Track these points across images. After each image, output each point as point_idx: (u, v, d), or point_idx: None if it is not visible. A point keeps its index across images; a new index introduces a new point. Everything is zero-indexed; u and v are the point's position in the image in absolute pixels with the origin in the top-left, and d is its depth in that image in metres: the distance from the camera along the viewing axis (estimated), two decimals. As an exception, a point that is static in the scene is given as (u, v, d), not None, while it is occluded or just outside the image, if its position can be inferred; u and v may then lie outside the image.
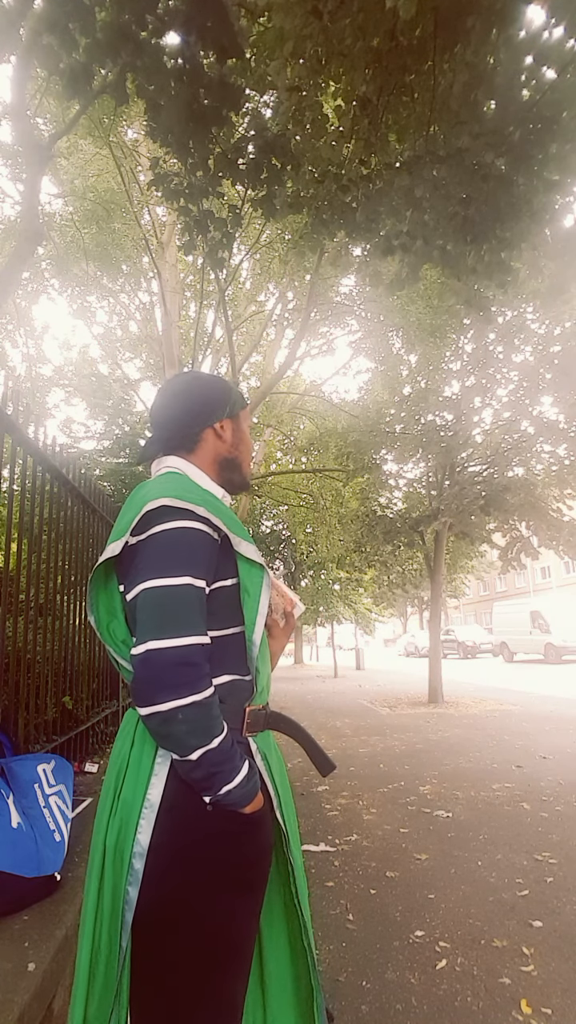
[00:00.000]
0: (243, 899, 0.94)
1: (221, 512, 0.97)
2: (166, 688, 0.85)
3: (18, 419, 2.20)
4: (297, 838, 1.10)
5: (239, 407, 1.16)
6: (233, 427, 1.14)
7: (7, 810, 1.47)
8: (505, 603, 22.84)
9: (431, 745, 6.01)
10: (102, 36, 2.70)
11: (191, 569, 0.91)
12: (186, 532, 0.93)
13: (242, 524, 1.04)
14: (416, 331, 8.62)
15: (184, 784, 0.91)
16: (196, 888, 0.90)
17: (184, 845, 0.90)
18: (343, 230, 3.90)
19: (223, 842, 0.92)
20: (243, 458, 1.16)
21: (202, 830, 0.91)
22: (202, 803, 0.91)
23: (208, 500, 0.98)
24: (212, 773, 0.88)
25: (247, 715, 1.00)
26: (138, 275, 13.00)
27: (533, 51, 3.00)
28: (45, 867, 1.44)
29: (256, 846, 0.96)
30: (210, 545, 0.95)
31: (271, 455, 15.56)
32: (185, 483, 1.01)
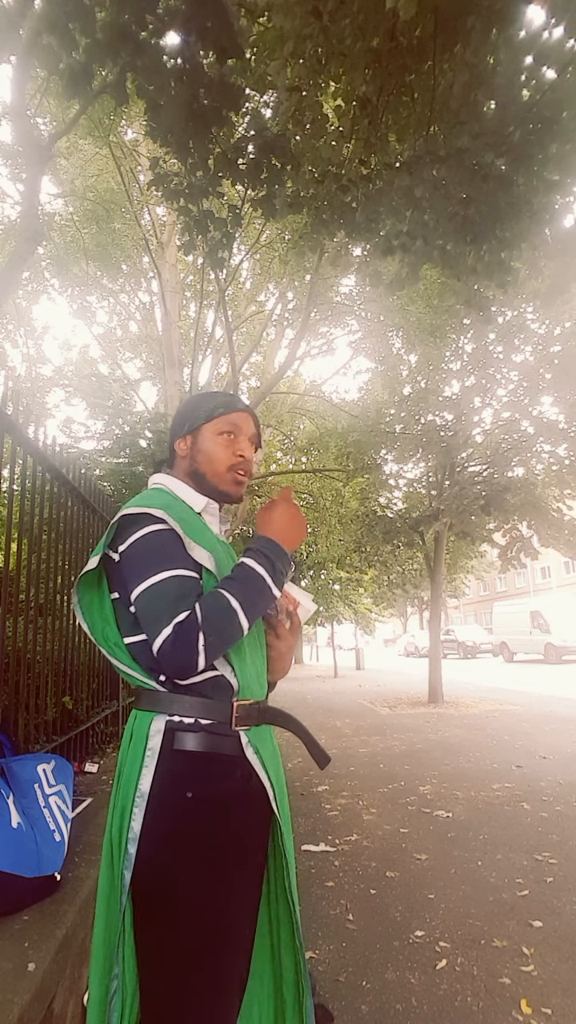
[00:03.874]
0: (230, 879, 0.99)
1: (177, 516, 1.05)
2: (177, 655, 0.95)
3: (18, 419, 2.20)
4: (290, 835, 1.12)
5: (201, 421, 1.17)
6: (192, 441, 1.18)
7: (7, 810, 1.47)
8: (505, 603, 22.83)
9: (431, 745, 6.01)
10: (102, 36, 2.70)
11: (168, 564, 1.00)
12: (155, 535, 1.03)
13: (203, 531, 1.08)
14: (416, 331, 8.62)
15: (170, 775, 0.99)
16: (184, 869, 0.97)
17: (170, 830, 0.98)
18: (343, 230, 3.90)
19: (205, 827, 0.98)
20: (205, 470, 1.16)
21: (185, 816, 0.98)
22: (185, 791, 0.99)
23: (165, 504, 1.06)
24: (252, 600, 1.01)
25: (235, 709, 1.03)
26: (138, 275, 13.00)
27: (533, 51, 3.00)
28: (45, 867, 1.44)
29: (237, 829, 1.01)
30: (176, 540, 1.03)
31: (271, 455, 15.56)
32: (151, 494, 1.12)
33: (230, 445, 1.16)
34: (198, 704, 1.02)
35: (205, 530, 1.10)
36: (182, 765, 1.00)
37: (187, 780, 0.99)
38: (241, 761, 1.03)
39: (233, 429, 1.17)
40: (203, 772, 1.00)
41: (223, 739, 1.02)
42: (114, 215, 10.75)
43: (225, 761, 1.02)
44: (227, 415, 1.17)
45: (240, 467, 1.17)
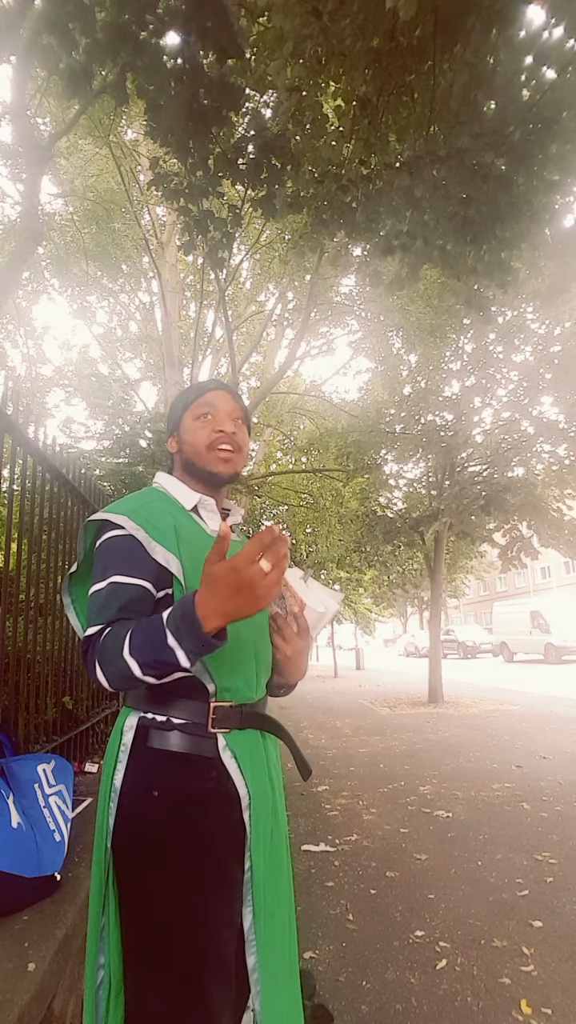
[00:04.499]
0: (191, 881, 0.95)
1: (144, 519, 1.04)
2: (85, 664, 0.96)
3: (18, 419, 2.20)
4: (273, 848, 1.06)
5: (180, 413, 1.19)
6: (178, 436, 1.19)
7: (7, 810, 1.47)
8: (505, 603, 22.83)
9: (431, 745, 6.01)
10: (102, 36, 2.70)
11: (111, 571, 1.00)
12: (109, 541, 1.03)
13: (176, 531, 1.04)
14: (416, 331, 8.62)
15: (140, 772, 0.99)
16: (147, 867, 0.97)
17: (136, 827, 0.98)
18: (343, 230, 3.90)
19: (167, 826, 0.97)
20: (192, 455, 1.15)
21: (150, 813, 0.98)
22: (152, 789, 0.98)
23: (134, 509, 1.05)
24: (150, 661, 0.88)
25: (212, 711, 1.00)
26: (138, 275, 12.99)
27: (533, 51, 3.00)
28: (45, 867, 1.44)
29: (204, 832, 0.98)
30: (132, 545, 1.01)
31: (271, 455, 15.56)
32: (131, 496, 1.13)
33: (207, 425, 1.14)
34: (172, 703, 1.00)
35: (185, 529, 1.07)
36: (153, 763, 0.99)
37: (155, 778, 0.99)
38: (217, 764, 1.00)
39: (208, 410, 1.15)
40: (173, 771, 0.99)
41: (199, 740, 1.00)
42: (114, 215, 10.75)
43: (199, 762, 1.00)
44: (200, 398, 1.17)
45: (220, 442, 1.13)
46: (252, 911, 0.98)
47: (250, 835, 1.00)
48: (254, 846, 1.00)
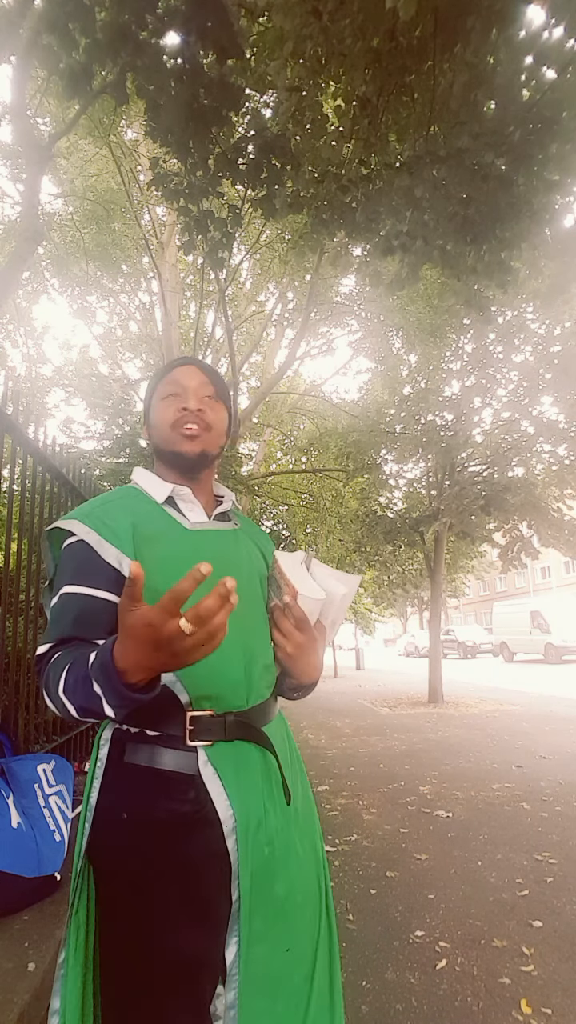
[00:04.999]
0: (162, 919, 0.87)
1: (97, 520, 0.95)
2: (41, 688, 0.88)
3: (18, 419, 2.20)
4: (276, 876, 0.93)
5: (148, 398, 1.10)
6: (148, 422, 1.10)
7: (7, 810, 1.47)
8: (505, 603, 22.83)
9: (431, 745, 6.01)
10: (102, 36, 2.70)
11: (64, 582, 0.93)
12: (65, 550, 0.97)
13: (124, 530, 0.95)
14: (416, 331, 8.62)
15: (113, 790, 0.91)
16: (115, 899, 0.90)
17: (104, 854, 0.91)
18: (343, 230, 3.90)
19: (134, 854, 0.89)
20: (158, 439, 1.06)
21: (117, 838, 0.90)
22: (120, 811, 0.90)
23: (88, 512, 0.98)
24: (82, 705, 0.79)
25: (188, 721, 0.90)
26: (138, 275, 12.99)
27: (533, 51, 3.00)
28: (45, 867, 1.44)
29: (177, 859, 0.88)
30: (84, 551, 0.94)
31: (271, 455, 15.56)
32: (94, 499, 1.05)
33: (173, 403, 1.04)
34: (143, 712, 0.85)
35: (152, 525, 0.97)
36: (127, 780, 0.91)
37: (126, 797, 0.90)
38: (197, 782, 0.88)
39: (174, 388, 1.05)
40: (146, 789, 0.89)
41: (177, 754, 0.89)
42: (114, 215, 10.75)
43: (176, 780, 0.88)
44: (167, 376, 1.07)
45: (185, 421, 1.02)
46: (237, 944, 0.87)
47: (236, 864, 0.88)
48: (243, 874, 0.88)
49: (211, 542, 1.02)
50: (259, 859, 0.90)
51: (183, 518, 1.03)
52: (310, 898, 0.99)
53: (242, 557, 1.05)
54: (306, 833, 1.02)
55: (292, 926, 0.94)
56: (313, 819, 1.07)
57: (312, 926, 0.98)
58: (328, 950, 0.98)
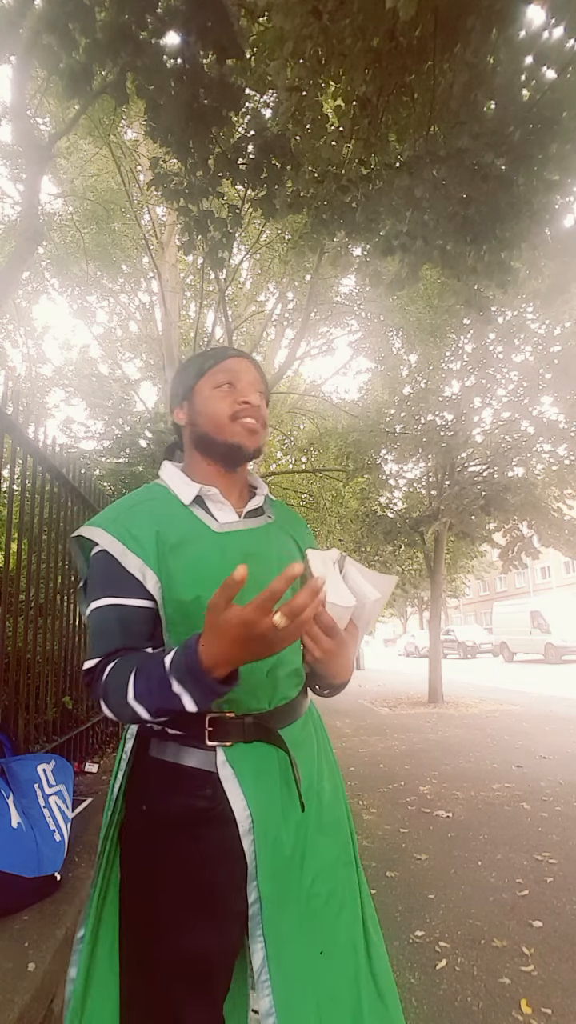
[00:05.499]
0: (173, 910, 0.89)
1: (121, 528, 0.94)
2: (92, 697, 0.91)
3: (18, 419, 2.20)
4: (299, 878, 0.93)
5: (193, 381, 1.04)
6: (189, 408, 1.05)
7: (7, 810, 1.47)
8: (505, 603, 22.83)
9: (431, 745, 6.01)
10: (102, 36, 2.70)
11: (98, 594, 0.93)
12: (94, 558, 0.96)
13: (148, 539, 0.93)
14: (416, 331, 8.62)
15: (136, 783, 0.95)
16: (132, 887, 0.93)
17: (125, 843, 0.95)
18: (343, 230, 3.90)
19: (147, 845, 0.93)
20: (208, 429, 1.01)
21: (135, 829, 0.95)
22: (140, 804, 0.94)
23: (113, 518, 0.96)
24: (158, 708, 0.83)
25: (208, 722, 0.91)
26: (138, 275, 12.99)
27: (533, 51, 3.00)
28: (45, 867, 1.44)
29: (189, 853, 0.90)
30: (111, 562, 0.93)
31: (271, 455, 15.56)
32: (121, 501, 1.02)
33: (229, 394, 1.00)
34: None
35: (176, 532, 0.95)
36: (148, 774, 0.94)
37: (147, 791, 0.93)
38: (214, 780, 0.90)
39: (230, 378, 1.01)
40: (165, 784, 0.92)
41: (196, 752, 0.91)
42: (114, 215, 10.76)
43: (194, 776, 0.91)
44: (220, 364, 1.03)
45: (246, 413, 0.99)
46: (263, 948, 0.86)
47: (254, 864, 0.88)
48: (260, 875, 0.88)
49: (240, 543, 0.99)
50: (279, 860, 0.90)
51: (211, 519, 1.00)
52: (344, 900, 0.97)
53: (273, 555, 1.01)
54: (334, 834, 1.01)
55: (324, 929, 0.92)
56: (343, 819, 1.06)
57: (350, 929, 0.96)
58: (367, 953, 0.96)
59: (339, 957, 0.92)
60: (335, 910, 0.94)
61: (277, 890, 0.89)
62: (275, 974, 0.85)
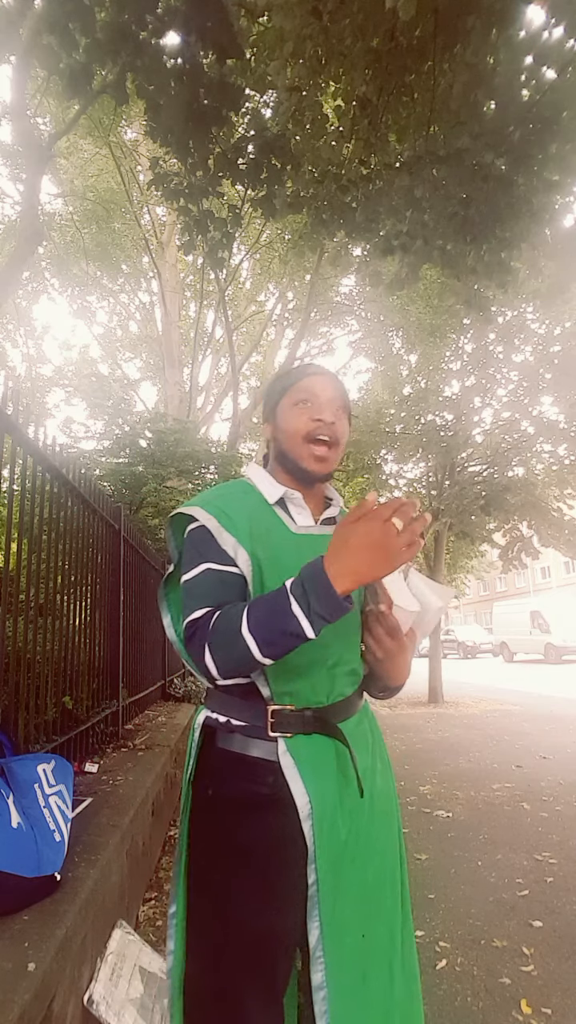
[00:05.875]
0: (239, 887, 0.95)
1: (217, 508, 1.02)
2: (191, 652, 0.93)
3: (18, 419, 2.20)
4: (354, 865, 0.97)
5: (276, 399, 1.12)
6: (273, 424, 1.12)
7: (7, 810, 1.47)
8: (505, 603, 22.83)
9: (431, 745, 6.01)
10: (102, 36, 2.71)
11: (199, 559, 0.99)
12: (192, 533, 1.03)
13: (242, 522, 1.00)
14: (416, 331, 8.63)
15: (204, 769, 1.02)
16: (204, 865, 1.00)
17: (195, 826, 1.02)
18: (343, 230, 3.90)
19: (214, 826, 0.99)
20: (287, 445, 1.07)
21: (203, 812, 1.01)
22: (207, 789, 1.00)
23: (209, 499, 1.05)
24: (270, 637, 0.86)
25: (269, 714, 0.97)
26: (138, 275, 13.00)
27: (533, 51, 3.01)
28: (45, 867, 1.44)
29: (251, 836, 0.96)
30: (210, 538, 1.00)
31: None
32: (215, 488, 1.12)
33: (305, 412, 1.05)
34: (230, 703, 1.01)
35: (262, 525, 1.02)
36: (214, 761, 1.00)
37: (213, 777, 1.00)
38: (275, 768, 0.95)
39: (307, 396, 1.06)
40: (230, 772, 0.98)
41: (259, 743, 0.97)
42: (114, 215, 10.76)
43: (257, 765, 0.96)
44: (299, 383, 1.08)
45: (318, 433, 1.04)
46: (319, 927, 0.92)
47: (313, 847, 0.94)
48: (319, 859, 0.94)
49: (314, 547, 1.02)
50: (336, 845, 0.95)
51: (291, 521, 1.07)
52: (387, 888, 1.03)
53: None
54: (385, 825, 1.06)
55: (369, 913, 0.99)
56: (393, 812, 1.11)
57: (390, 916, 1.02)
58: (402, 940, 1.02)
59: (378, 941, 0.98)
60: (380, 897, 1.01)
61: (333, 873, 0.94)
62: (328, 952, 0.92)
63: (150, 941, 1.87)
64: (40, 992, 1.08)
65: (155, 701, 5.10)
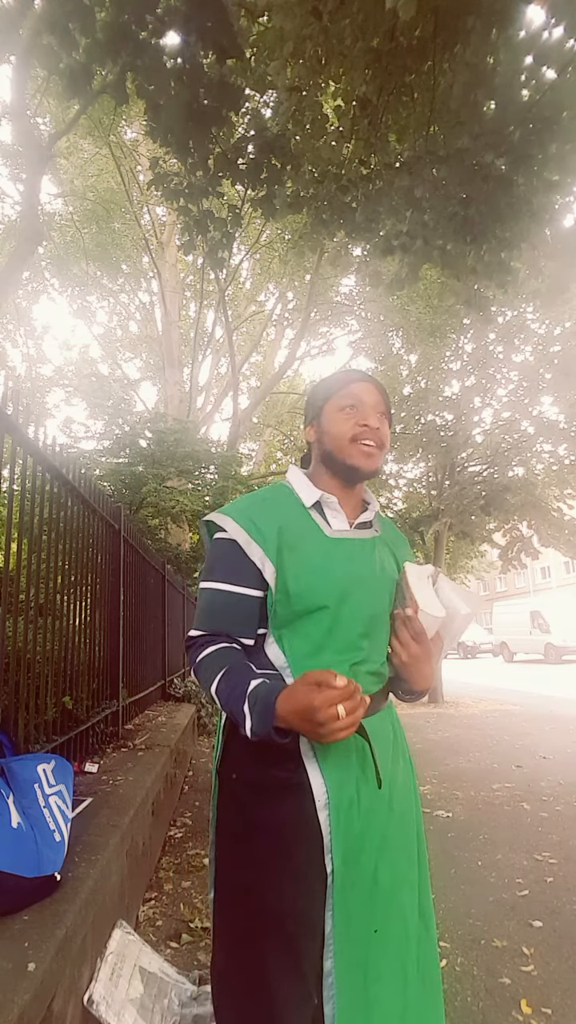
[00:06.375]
0: (260, 867, 1.00)
1: (247, 519, 1.07)
2: (190, 665, 1.06)
3: (18, 419, 2.20)
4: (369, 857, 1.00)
5: (321, 403, 1.17)
6: (317, 427, 1.17)
7: (7, 810, 1.47)
8: (505, 603, 22.82)
9: (431, 745, 6.01)
10: (102, 36, 2.70)
11: (213, 577, 1.06)
12: (216, 543, 1.09)
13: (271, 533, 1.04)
14: (416, 331, 8.62)
15: (230, 754, 1.08)
16: (229, 846, 1.07)
17: (222, 809, 1.09)
18: (343, 230, 3.90)
19: (238, 810, 1.04)
20: (333, 447, 1.12)
21: (228, 794, 1.07)
22: (232, 772, 1.07)
23: (242, 509, 1.10)
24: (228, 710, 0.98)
25: None
26: (138, 275, 13.00)
27: (533, 51, 3.00)
28: (45, 867, 1.44)
29: (272, 818, 1.01)
30: (233, 550, 1.06)
31: (271, 455, 15.56)
32: (251, 495, 1.17)
33: (352, 417, 1.11)
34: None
35: (292, 530, 1.06)
36: (241, 748, 1.05)
37: (238, 761, 1.06)
38: (297, 756, 1.00)
39: (354, 402, 1.12)
40: (254, 757, 1.02)
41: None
42: (114, 215, 10.77)
43: (280, 751, 0.98)
44: (345, 389, 1.14)
45: (365, 436, 1.10)
46: (332, 916, 0.96)
47: (329, 836, 0.97)
48: (335, 848, 0.97)
49: (347, 551, 1.10)
50: (349, 837, 0.98)
51: (326, 524, 1.11)
52: (403, 887, 1.04)
53: (375, 566, 1.12)
54: (401, 823, 1.07)
55: (382, 909, 1.00)
56: (412, 810, 1.13)
57: (405, 915, 1.03)
58: (418, 943, 1.03)
59: (391, 939, 1.00)
60: (394, 894, 1.02)
61: (346, 865, 0.97)
62: (338, 943, 0.95)
63: (150, 941, 1.87)
64: (40, 992, 1.08)
65: (155, 701, 5.10)
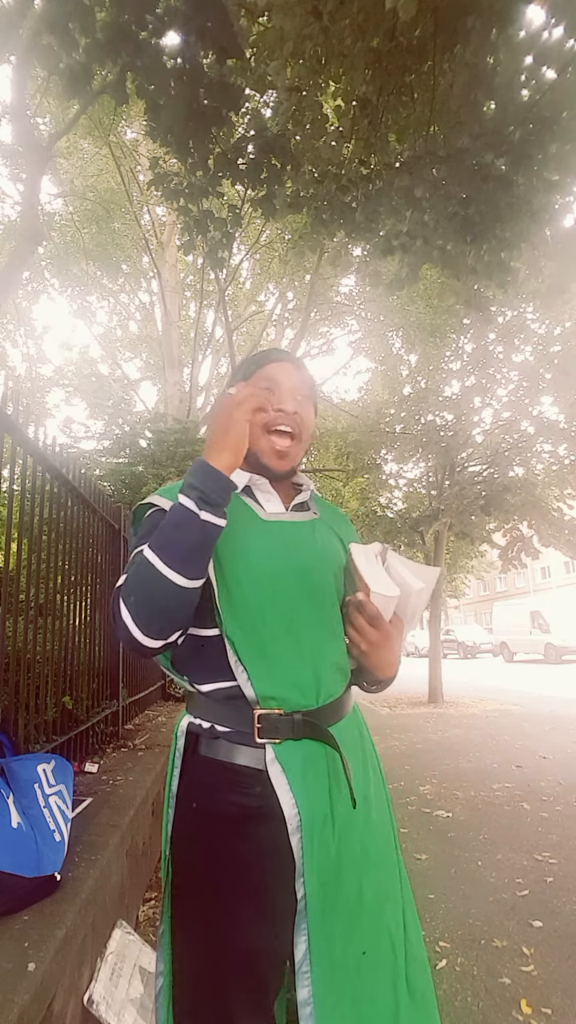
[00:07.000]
0: (224, 907, 0.89)
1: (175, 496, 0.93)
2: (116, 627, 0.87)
3: (18, 419, 2.20)
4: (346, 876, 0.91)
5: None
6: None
7: (7, 810, 1.47)
8: (505, 603, 22.83)
9: (431, 745, 6.01)
10: (102, 36, 2.71)
11: (144, 541, 0.92)
12: (148, 518, 0.98)
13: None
14: (416, 331, 8.63)
15: (188, 780, 0.95)
16: (188, 881, 0.93)
17: (179, 839, 0.94)
18: (343, 230, 3.90)
19: (201, 843, 0.92)
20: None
21: (188, 827, 0.94)
22: (191, 801, 0.94)
23: (170, 488, 1.00)
24: (169, 540, 0.85)
25: (256, 719, 0.91)
26: (138, 275, 13.00)
27: (533, 51, 3.01)
28: (45, 867, 1.44)
29: (240, 850, 0.90)
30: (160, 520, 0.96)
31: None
32: (175, 483, 1.05)
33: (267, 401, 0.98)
34: (213, 708, 0.94)
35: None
36: (200, 772, 0.94)
37: (198, 789, 0.93)
38: (264, 778, 0.89)
39: (269, 384, 1.00)
40: (215, 782, 0.92)
41: (245, 750, 0.91)
42: (114, 215, 10.77)
43: (244, 774, 0.90)
44: (261, 370, 1.03)
45: (277, 424, 0.99)
46: (307, 942, 0.86)
47: (301, 862, 0.87)
48: (307, 873, 0.87)
49: (286, 532, 1.00)
50: (326, 858, 0.89)
51: (259, 508, 1.01)
52: (386, 901, 0.96)
53: (317, 550, 1.02)
54: (379, 834, 0.99)
55: (368, 929, 0.92)
56: (388, 819, 1.05)
57: (391, 930, 0.95)
58: (405, 954, 0.95)
59: (380, 958, 0.92)
60: (379, 911, 0.94)
61: (323, 888, 0.89)
62: (316, 967, 0.86)
63: (150, 941, 1.87)
64: (40, 992, 1.08)
65: (155, 701, 5.10)
